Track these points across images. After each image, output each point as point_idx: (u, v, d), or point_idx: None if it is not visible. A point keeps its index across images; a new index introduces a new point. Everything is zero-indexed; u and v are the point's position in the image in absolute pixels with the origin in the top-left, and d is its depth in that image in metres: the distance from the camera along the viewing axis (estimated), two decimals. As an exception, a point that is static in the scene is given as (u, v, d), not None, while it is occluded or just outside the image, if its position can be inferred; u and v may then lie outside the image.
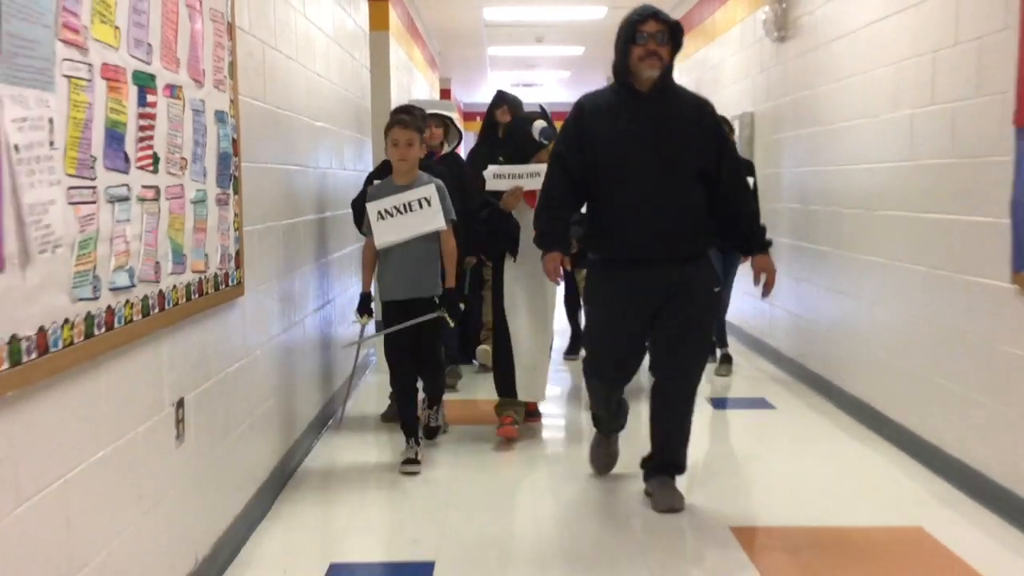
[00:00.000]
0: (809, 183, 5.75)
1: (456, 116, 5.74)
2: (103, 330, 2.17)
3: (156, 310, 2.49)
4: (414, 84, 9.96)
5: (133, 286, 2.34)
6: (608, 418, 3.93)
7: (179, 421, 2.71)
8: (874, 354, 4.80)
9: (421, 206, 4.07)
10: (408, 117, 4.20)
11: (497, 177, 4.49)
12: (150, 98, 2.43)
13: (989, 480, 3.64)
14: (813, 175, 5.70)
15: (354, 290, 4.82)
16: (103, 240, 2.16)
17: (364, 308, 4.22)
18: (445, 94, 15.08)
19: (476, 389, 5.57)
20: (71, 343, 2.01)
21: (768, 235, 3.77)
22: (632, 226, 3.53)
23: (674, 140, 3.53)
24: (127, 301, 2.30)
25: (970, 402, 3.83)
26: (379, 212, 4.05)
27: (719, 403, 5.44)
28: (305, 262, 4.48)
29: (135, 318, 2.35)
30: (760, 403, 5.40)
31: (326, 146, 5.04)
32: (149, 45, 2.43)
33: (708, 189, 3.59)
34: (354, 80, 6.13)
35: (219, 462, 3.07)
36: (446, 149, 5.42)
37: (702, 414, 4.60)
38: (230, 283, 3.17)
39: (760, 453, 4.54)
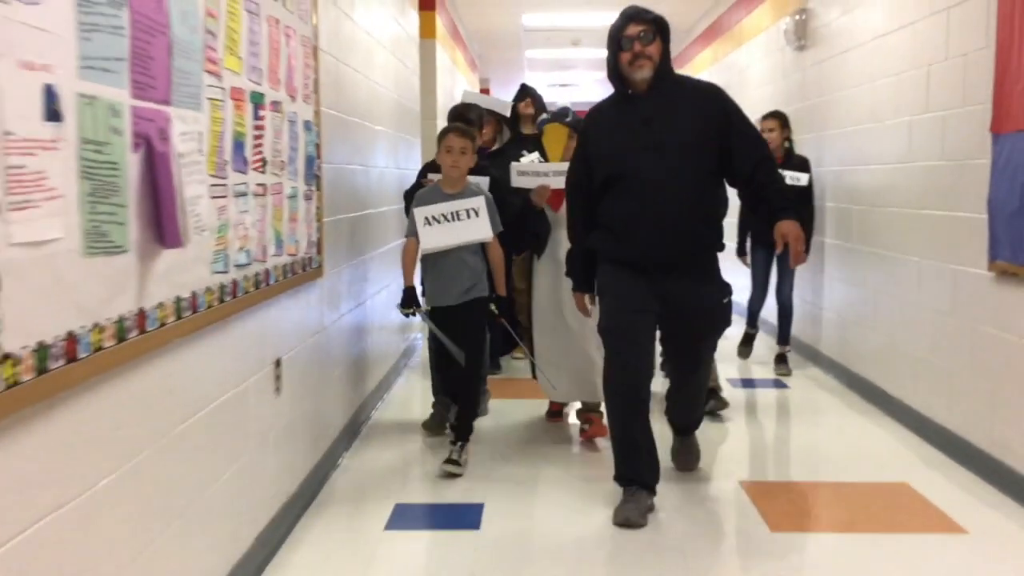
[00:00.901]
0: (825, 181, 6.23)
1: (508, 114, 5.66)
2: (230, 298, 2.75)
3: (263, 285, 3.08)
4: (456, 86, 10.53)
5: (249, 264, 2.92)
6: (631, 448, 3.59)
7: (277, 377, 3.30)
8: (876, 338, 5.31)
9: (469, 216, 4.09)
10: (465, 126, 4.30)
11: (522, 175, 4.51)
12: (261, 113, 3.02)
13: (968, 443, 4.14)
14: (828, 174, 6.19)
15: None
16: (231, 227, 2.74)
17: (410, 300, 4.21)
18: (484, 92, 15.68)
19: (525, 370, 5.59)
20: (210, 307, 2.59)
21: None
22: (633, 232, 3.50)
23: (670, 135, 3.47)
24: (245, 276, 2.89)
25: (954, 376, 4.33)
26: (426, 218, 4.10)
27: (741, 383, 5.94)
28: (366, 251, 5.06)
29: (250, 290, 2.94)
30: (777, 383, 5.91)
31: (383, 147, 5.62)
32: (260, 69, 3.01)
33: (729, 169, 3.56)
34: (405, 85, 6.71)
35: (305, 414, 3.67)
36: (498, 145, 5.53)
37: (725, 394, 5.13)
38: (312, 266, 3.75)
39: (772, 424, 5.06)
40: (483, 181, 4.41)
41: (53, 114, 1.73)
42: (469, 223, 4.10)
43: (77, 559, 1.88)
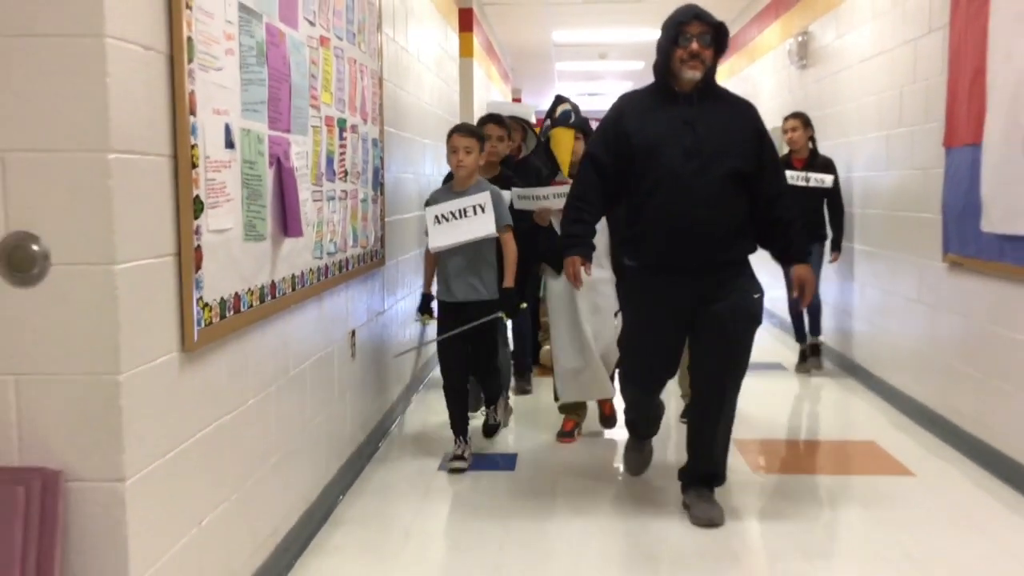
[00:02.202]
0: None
1: (533, 120, 5.82)
2: (324, 278, 3.57)
3: (344, 270, 3.90)
4: (490, 97, 11.34)
5: (335, 253, 3.75)
6: (643, 424, 4.00)
7: (352, 344, 4.12)
8: (860, 324, 6.05)
9: (475, 212, 4.12)
10: (470, 125, 4.42)
11: (522, 199, 4.50)
12: (344, 135, 3.84)
13: (929, 409, 4.88)
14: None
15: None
16: (325, 223, 3.57)
17: (425, 308, 4.41)
18: (516, 102, 16.51)
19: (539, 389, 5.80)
20: (311, 284, 3.41)
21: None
22: (663, 231, 3.47)
23: (711, 143, 3.43)
24: (333, 262, 3.71)
25: (917, 352, 5.07)
26: (436, 217, 4.17)
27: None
28: (416, 247, 5.88)
29: (335, 273, 3.76)
30: (776, 367, 6.65)
31: (428, 158, 6.43)
32: (344, 100, 3.84)
33: (750, 193, 3.52)
34: (446, 101, 7.53)
35: (372, 377, 4.49)
36: (524, 153, 5.58)
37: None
38: (377, 257, 4.57)
39: (767, 398, 5.81)
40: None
41: (229, 143, 2.56)
42: (475, 219, 4.13)
43: (235, 453, 2.70)
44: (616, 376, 4.37)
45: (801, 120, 6.19)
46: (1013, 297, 4.01)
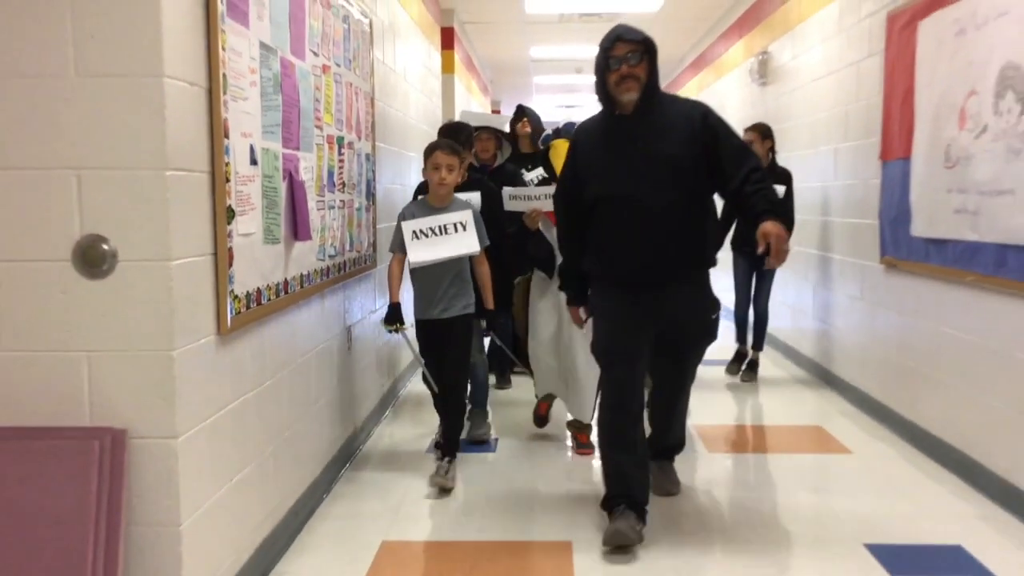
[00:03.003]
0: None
1: (508, 130, 5.88)
2: (325, 278, 4.03)
3: (342, 271, 4.36)
4: (471, 109, 11.81)
5: (335, 255, 4.21)
6: (620, 447, 3.59)
7: (349, 338, 4.58)
8: (812, 323, 6.56)
9: (456, 230, 4.11)
10: (452, 143, 4.32)
11: (513, 199, 4.59)
12: (342, 151, 4.30)
13: (868, 395, 5.39)
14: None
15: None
16: (327, 229, 4.03)
17: (395, 317, 4.23)
18: (495, 114, 17.02)
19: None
20: (314, 282, 3.87)
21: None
22: (624, 251, 3.51)
23: (661, 159, 3.44)
24: (333, 263, 4.17)
25: (858, 343, 5.59)
26: (414, 232, 4.11)
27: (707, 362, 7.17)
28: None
29: (335, 274, 4.22)
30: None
31: (414, 169, 6.89)
32: (342, 120, 4.30)
33: (719, 181, 3.49)
34: (430, 115, 8.00)
35: (367, 366, 4.95)
36: (499, 161, 5.53)
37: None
38: (369, 260, 5.03)
39: (728, 392, 6.30)
40: (474, 197, 4.53)
41: (253, 161, 3.02)
42: (457, 237, 4.11)
43: (256, 425, 3.15)
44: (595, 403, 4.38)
45: (759, 132, 6.26)
46: (938, 294, 4.52)
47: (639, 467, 3.60)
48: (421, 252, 4.10)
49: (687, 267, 3.57)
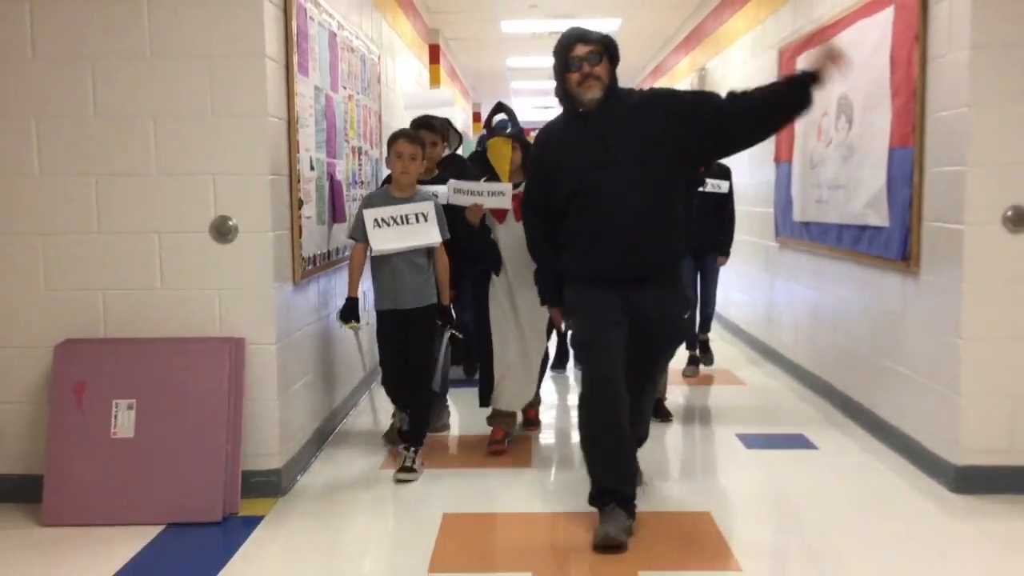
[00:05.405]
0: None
1: (455, 113, 6.08)
2: (345, 253, 5.45)
3: (361, 248, 5.78)
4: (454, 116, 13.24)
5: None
6: (607, 442, 3.51)
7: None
8: (736, 294, 8.07)
9: (419, 220, 4.15)
10: (415, 132, 4.43)
11: (458, 192, 4.43)
12: (361, 157, 5.73)
13: (768, 345, 6.89)
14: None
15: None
16: (350, 216, 5.45)
17: (351, 313, 4.31)
18: (476, 116, 18.44)
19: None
20: (345, 254, 5.28)
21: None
22: (597, 248, 3.51)
23: (628, 153, 3.46)
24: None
25: (771, 313, 7.07)
26: (376, 220, 4.14)
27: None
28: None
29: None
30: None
31: (409, 169, 8.32)
32: (360, 134, 5.73)
33: (712, 129, 3.44)
34: (421, 124, 9.42)
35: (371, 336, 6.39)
36: (446, 152, 5.43)
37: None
38: (378, 242, 6.45)
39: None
40: (440, 190, 4.57)
41: (311, 167, 4.45)
42: (419, 227, 4.15)
43: (307, 352, 4.57)
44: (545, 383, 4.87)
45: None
46: (813, 264, 5.99)
47: (627, 457, 3.58)
48: (384, 241, 4.16)
49: (659, 261, 3.57)
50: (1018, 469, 3.93)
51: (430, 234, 4.19)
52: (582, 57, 3.50)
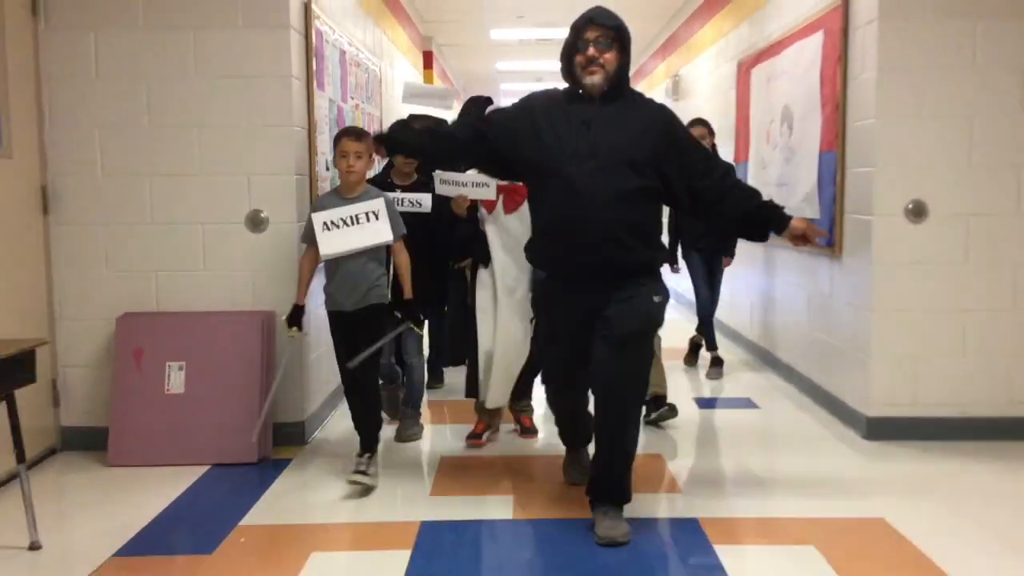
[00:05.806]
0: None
1: (452, 115, 5.94)
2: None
3: (366, 238, 6.54)
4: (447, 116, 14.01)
5: (362, 228, 6.39)
6: (569, 428, 3.92)
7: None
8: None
9: (368, 219, 4.04)
10: (360, 129, 4.34)
11: (443, 183, 4.39)
12: (365, 158, 6.49)
13: (732, 328, 7.67)
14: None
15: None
16: (358, 210, 6.22)
17: (296, 320, 4.17)
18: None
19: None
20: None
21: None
22: (558, 236, 3.40)
23: (607, 144, 3.31)
24: (361, 233, 6.36)
25: (734, 293, 7.85)
26: (324, 223, 4.03)
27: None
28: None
29: (362, 240, 6.40)
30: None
31: (405, 168, 9.07)
32: (365, 138, 6.48)
33: (686, 189, 3.41)
34: (416, 126, 10.18)
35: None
36: None
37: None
38: (380, 234, 7.22)
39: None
40: (424, 198, 4.63)
41: (326, 168, 5.20)
42: (369, 226, 4.04)
43: (318, 331, 5.34)
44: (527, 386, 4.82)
45: (707, 127, 6.27)
46: (766, 253, 6.77)
47: (588, 421, 3.85)
48: (332, 244, 4.04)
49: (634, 256, 3.40)
50: (918, 419, 4.72)
51: (381, 232, 4.06)
52: (591, 40, 3.38)
